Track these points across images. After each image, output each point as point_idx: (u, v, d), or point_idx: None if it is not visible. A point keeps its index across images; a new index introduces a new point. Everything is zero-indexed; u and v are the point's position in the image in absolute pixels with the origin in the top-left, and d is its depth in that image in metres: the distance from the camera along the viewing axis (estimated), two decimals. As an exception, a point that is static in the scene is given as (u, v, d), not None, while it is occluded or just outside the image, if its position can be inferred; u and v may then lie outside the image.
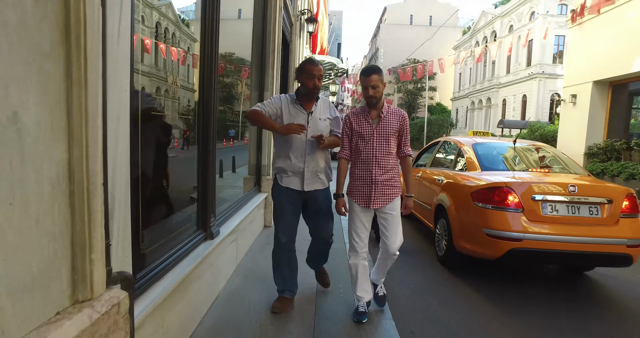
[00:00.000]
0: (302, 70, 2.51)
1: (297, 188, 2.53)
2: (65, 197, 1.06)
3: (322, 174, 2.59)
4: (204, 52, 2.61)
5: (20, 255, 0.91)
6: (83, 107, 1.07)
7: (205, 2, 2.56)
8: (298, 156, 2.50)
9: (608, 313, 3.04)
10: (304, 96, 2.54)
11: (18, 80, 0.88)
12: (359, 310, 2.56)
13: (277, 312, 2.57)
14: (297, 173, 2.52)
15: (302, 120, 2.50)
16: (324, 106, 2.62)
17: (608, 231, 3.16)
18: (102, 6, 1.12)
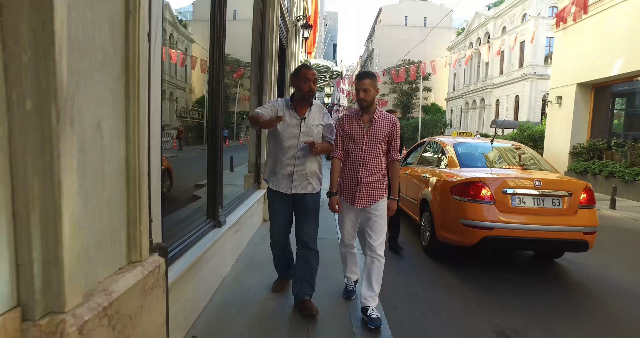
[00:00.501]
0: (298, 74, 2.57)
1: (285, 192, 2.60)
2: (124, 183, 1.44)
3: (312, 178, 2.64)
4: (212, 61, 2.99)
5: (101, 221, 1.29)
6: (136, 118, 1.45)
7: (214, 22, 2.94)
8: (288, 160, 2.56)
9: (571, 292, 3.46)
10: (298, 100, 2.59)
11: (100, 99, 1.26)
12: (348, 289, 2.94)
13: (277, 291, 2.90)
14: (286, 176, 2.58)
15: (295, 125, 2.56)
16: (318, 112, 2.66)
17: (568, 220, 3.58)
18: (149, 42, 1.51)
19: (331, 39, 46.77)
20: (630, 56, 9.28)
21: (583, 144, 11.17)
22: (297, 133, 2.55)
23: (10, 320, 1.00)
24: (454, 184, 3.82)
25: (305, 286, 2.66)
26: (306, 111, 2.61)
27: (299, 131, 2.56)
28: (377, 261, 2.58)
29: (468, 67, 38.58)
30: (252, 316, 2.55)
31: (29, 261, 1.03)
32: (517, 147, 4.86)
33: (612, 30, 9.95)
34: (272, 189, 2.65)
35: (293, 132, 2.55)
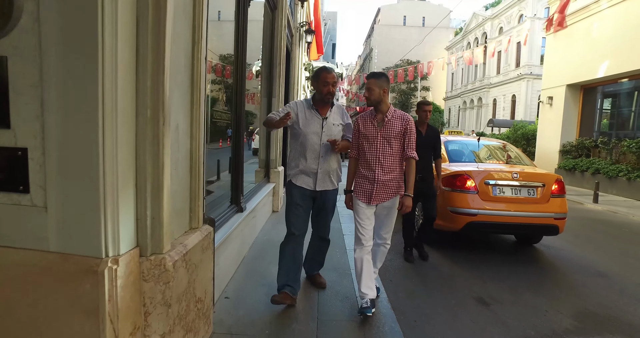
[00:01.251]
0: (318, 77, 2.68)
1: (309, 188, 2.72)
2: (188, 169, 1.95)
3: (333, 175, 2.77)
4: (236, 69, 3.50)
5: (176, 196, 1.80)
6: (196, 119, 1.96)
7: (238, 36, 3.44)
8: (313, 158, 2.68)
9: (542, 269, 3.99)
10: (319, 101, 2.71)
11: (178, 108, 1.77)
12: (364, 306, 2.54)
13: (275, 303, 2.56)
14: (310, 173, 2.70)
15: (317, 125, 2.68)
16: (338, 112, 2.80)
17: (541, 207, 4.11)
18: (205, 63, 2.02)
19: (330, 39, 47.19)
20: (614, 59, 9.82)
21: (572, 143, 11.72)
22: (319, 132, 2.68)
23: (134, 255, 1.51)
24: (443, 176, 4.34)
25: (315, 265, 3.03)
26: (327, 111, 2.73)
27: (321, 131, 2.68)
28: (383, 248, 2.76)
29: (466, 67, 39.06)
30: (273, 283, 3.05)
31: (143, 217, 1.55)
32: (504, 145, 5.39)
33: (598, 35, 10.49)
34: (297, 185, 2.73)
35: (316, 131, 2.67)
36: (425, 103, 4.06)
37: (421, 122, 3.99)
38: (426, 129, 4.01)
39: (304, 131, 2.67)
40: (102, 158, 1.36)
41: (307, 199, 2.76)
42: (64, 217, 1.40)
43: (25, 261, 1.40)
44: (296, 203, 2.74)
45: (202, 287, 2.01)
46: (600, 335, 2.66)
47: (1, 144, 1.42)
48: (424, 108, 4.01)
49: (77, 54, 1.33)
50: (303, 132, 2.68)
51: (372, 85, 2.59)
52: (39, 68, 1.37)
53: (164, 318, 1.60)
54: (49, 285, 1.38)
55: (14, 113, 1.41)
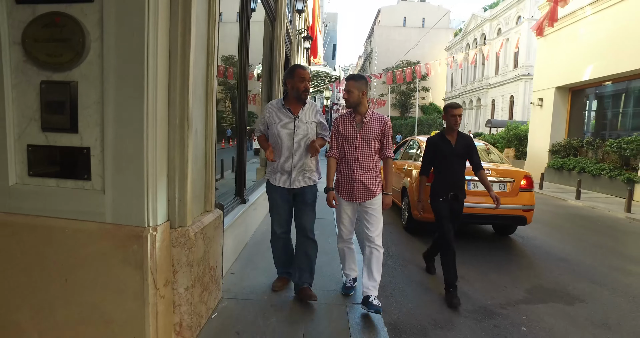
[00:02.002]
0: (293, 74, 2.70)
1: (285, 186, 2.76)
2: (204, 164, 2.48)
3: (310, 172, 2.79)
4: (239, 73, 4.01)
5: (196, 184, 2.33)
6: (210, 125, 2.48)
7: (241, 44, 3.97)
8: (287, 157, 2.71)
9: (511, 255, 4.49)
10: (293, 99, 2.73)
11: (197, 116, 2.30)
12: (347, 285, 2.95)
13: (277, 290, 2.92)
14: (285, 172, 2.74)
15: (289, 124, 2.70)
16: (312, 110, 2.80)
17: (511, 200, 4.62)
18: (216, 77, 2.54)
19: (331, 40, 47.69)
20: (598, 63, 10.31)
21: (561, 143, 12.19)
22: (291, 131, 2.69)
23: (166, 226, 2.04)
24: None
25: (305, 275, 2.84)
26: (299, 109, 2.74)
27: (293, 130, 2.70)
28: (376, 252, 2.70)
29: (465, 68, 39.49)
30: (271, 265, 3.53)
31: (173, 199, 2.07)
32: (487, 146, 5.90)
33: (584, 40, 10.97)
34: (273, 184, 2.79)
35: (288, 131, 2.69)
36: (453, 106, 3.31)
37: (449, 129, 3.35)
38: (456, 137, 3.37)
39: (277, 131, 2.71)
40: (145, 155, 1.88)
41: (286, 197, 2.80)
42: (117, 198, 1.93)
43: (90, 230, 1.93)
44: (276, 203, 2.82)
45: (214, 258, 2.53)
46: (544, 303, 3.18)
47: (71, 144, 1.95)
48: (452, 112, 3.27)
49: (128, 79, 1.86)
50: (276, 132, 2.71)
51: (351, 87, 2.66)
52: (100, 90, 1.90)
53: (187, 275, 2.12)
54: (108, 246, 1.91)
55: (81, 122, 1.94)
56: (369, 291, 2.64)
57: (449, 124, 3.34)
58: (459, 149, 3.36)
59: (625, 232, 6.09)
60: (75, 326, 1.97)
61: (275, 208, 2.85)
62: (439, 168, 3.41)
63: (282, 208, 2.83)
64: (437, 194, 3.33)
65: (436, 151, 3.40)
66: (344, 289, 2.95)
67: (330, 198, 2.75)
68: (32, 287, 1.98)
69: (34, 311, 2.00)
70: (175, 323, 2.13)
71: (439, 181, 3.39)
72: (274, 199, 2.83)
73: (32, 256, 1.98)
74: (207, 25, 2.38)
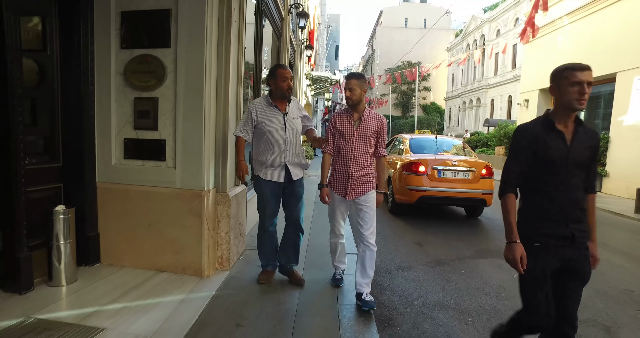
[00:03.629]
0: (275, 74, 2.81)
1: (278, 180, 2.87)
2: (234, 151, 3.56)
3: (301, 166, 2.98)
4: (255, 75, 5.10)
5: (231, 165, 3.41)
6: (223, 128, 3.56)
7: (255, 54, 5.05)
8: (280, 152, 2.83)
9: (474, 228, 5.55)
10: (278, 98, 2.86)
11: (232, 119, 3.38)
12: (336, 277, 3.03)
13: (263, 282, 2.97)
14: (278, 166, 2.85)
15: (279, 121, 2.83)
16: (295, 106, 2.97)
17: (472, 186, 5.68)
18: (242, 95, 3.63)
19: (333, 41, 48.71)
20: (575, 68, 11.29)
21: (544, 141, 13.18)
22: (282, 127, 2.83)
23: (214, 191, 3.14)
24: (404, 163, 5.92)
25: (292, 258, 3.08)
26: (286, 106, 2.89)
27: (284, 126, 2.84)
28: (368, 250, 2.69)
29: (465, 68, 40.34)
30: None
31: (218, 173, 3.17)
32: (463, 144, 6.99)
33: (562, 46, 11.97)
34: (265, 179, 2.87)
35: (279, 127, 2.83)
36: (577, 68, 1.66)
37: (565, 110, 1.72)
38: (574, 129, 1.74)
39: (268, 129, 2.82)
40: (203, 144, 2.97)
41: (276, 192, 2.91)
42: (183, 172, 3.01)
43: (165, 193, 3.02)
44: (266, 198, 2.90)
45: (241, 217, 3.62)
46: (484, 258, 4.24)
47: (153, 138, 3.04)
48: (576, 78, 1.64)
49: (191, 96, 2.94)
50: (267, 129, 2.82)
51: (353, 85, 2.66)
52: (173, 103, 2.99)
53: (226, 224, 3.21)
54: (179, 203, 3.00)
55: (160, 123, 3.03)
56: (362, 289, 2.66)
57: (567, 101, 1.69)
58: (580, 152, 1.72)
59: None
60: (156, 254, 3.07)
61: (265, 202, 2.92)
62: (537, 181, 1.75)
63: (272, 202, 2.91)
64: (533, 232, 1.75)
65: (536, 151, 1.72)
66: (333, 281, 3.03)
67: (324, 194, 2.79)
68: (128, 229, 3.09)
69: (129, 245, 3.10)
70: (218, 257, 3.22)
71: (536, 208, 1.76)
72: (264, 194, 2.90)
73: (128, 210, 3.08)
74: (237, 57, 3.45)
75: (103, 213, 3.14)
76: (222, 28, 3.07)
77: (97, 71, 3.04)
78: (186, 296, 2.70)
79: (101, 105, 3.08)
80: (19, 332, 2.11)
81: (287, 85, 2.82)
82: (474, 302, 3.07)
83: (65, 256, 2.73)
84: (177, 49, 2.94)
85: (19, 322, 2.21)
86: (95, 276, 2.93)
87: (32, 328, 2.16)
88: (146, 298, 2.62)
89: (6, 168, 2.49)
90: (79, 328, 2.18)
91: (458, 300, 3.12)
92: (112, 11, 3.01)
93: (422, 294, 3.22)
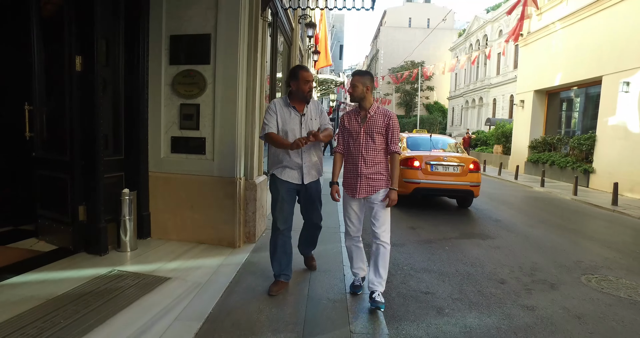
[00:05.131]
0: (297, 76, 2.79)
1: (296, 182, 2.81)
2: (259, 147, 4.32)
3: (317, 167, 2.92)
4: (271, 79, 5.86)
5: (255, 159, 4.18)
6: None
7: (272, 63, 5.81)
8: (297, 153, 2.78)
9: (462, 217, 6.28)
10: (297, 99, 2.83)
11: (257, 121, 4.15)
12: (355, 284, 2.87)
13: (274, 294, 2.75)
14: (295, 167, 2.80)
15: (297, 122, 2.80)
16: (314, 107, 2.93)
17: (461, 178, 6.42)
18: (263, 101, 4.38)
19: (338, 40, 49.34)
20: (565, 71, 11.96)
21: (538, 140, 13.85)
22: (299, 129, 2.80)
23: (244, 179, 3.91)
24: (401, 159, 6.66)
25: (310, 249, 3.26)
26: (304, 107, 2.85)
27: (300, 127, 2.80)
28: (382, 248, 2.64)
29: (468, 68, 40.89)
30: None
31: (247, 165, 3.95)
32: (456, 143, 7.72)
33: (554, 50, 12.63)
34: (283, 179, 2.81)
35: (296, 128, 2.80)
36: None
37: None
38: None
39: (285, 129, 2.79)
40: (235, 141, 3.73)
41: (292, 193, 2.85)
42: (220, 163, 3.78)
43: (205, 180, 3.79)
44: (282, 198, 2.81)
45: (263, 201, 4.38)
46: (467, 239, 4.98)
47: (195, 136, 3.81)
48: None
49: (227, 103, 3.71)
50: (284, 130, 2.79)
51: (355, 82, 2.69)
52: (212, 108, 3.75)
53: (253, 205, 3.97)
54: (216, 188, 3.76)
55: (201, 124, 3.80)
56: (374, 287, 2.64)
57: None
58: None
59: (561, 207, 7.83)
60: (197, 230, 3.84)
61: (280, 203, 2.82)
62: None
63: (287, 203, 2.83)
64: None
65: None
66: (352, 288, 2.88)
67: (334, 192, 2.78)
68: (174, 210, 3.86)
69: (174, 222, 3.88)
70: (246, 232, 3.99)
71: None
72: (280, 194, 2.82)
73: (174, 193, 3.85)
74: (261, 72, 4.19)
75: (153, 197, 3.92)
76: (250, 49, 3.83)
77: (151, 82, 3.82)
78: (224, 260, 3.47)
79: (153, 110, 3.85)
80: (110, 277, 2.90)
81: (308, 87, 2.82)
82: (452, 268, 3.82)
83: (130, 229, 3.51)
84: (216, 66, 3.71)
85: (108, 271, 3.00)
86: (150, 246, 3.72)
87: (118, 276, 2.94)
88: (194, 260, 3.40)
89: (91, 158, 3.29)
90: (151, 277, 2.96)
91: (439, 266, 3.86)
92: (163, 35, 3.78)
93: (410, 262, 3.96)
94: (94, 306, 2.43)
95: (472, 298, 3.11)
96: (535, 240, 5.05)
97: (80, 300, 2.50)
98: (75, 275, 2.91)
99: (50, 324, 2.18)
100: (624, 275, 3.81)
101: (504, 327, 2.64)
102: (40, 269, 3.00)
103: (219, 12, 3.67)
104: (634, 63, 9.06)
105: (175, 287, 2.82)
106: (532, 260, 4.20)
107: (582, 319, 2.81)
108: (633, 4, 9.29)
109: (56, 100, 3.48)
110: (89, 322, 2.23)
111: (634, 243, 5.23)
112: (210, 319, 2.37)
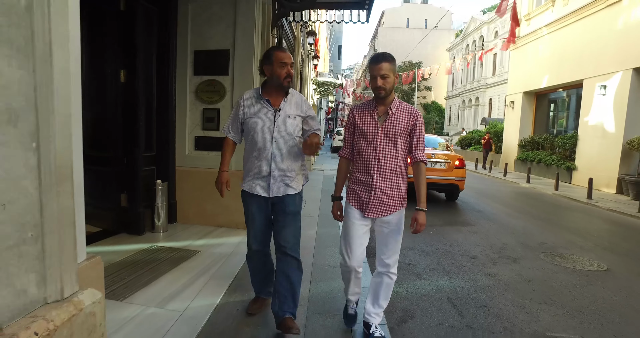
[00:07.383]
0: (270, 58, 2.19)
1: (262, 194, 2.27)
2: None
3: (293, 178, 2.27)
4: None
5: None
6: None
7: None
8: (265, 159, 2.22)
9: (449, 208, 6.98)
10: (272, 89, 2.24)
11: (266, 123, 4.84)
12: (349, 313, 2.43)
13: (254, 312, 2.46)
14: (262, 177, 2.26)
15: (268, 119, 2.21)
16: (295, 101, 2.28)
17: (448, 174, 7.14)
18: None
19: (336, 41, 50.00)
20: (552, 74, 12.69)
21: (527, 139, 14.57)
22: (270, 127, 2.21)
23: (256, 172, 4.61)
24: (394, 157, 7.36)
25: (287, 304, 2.25)
26: (281, 101, 2.25)
27: (272, 126, 2.21)
28: (387, 279, 2.25)
29: (465, 68, 41.64)
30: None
31: (258, 160, 4.63)
32: (446, 142, 8.44)
33: (542, 54, 13.36)
34: (249, 192, 2.31)
35: (266, 127, 2.21)
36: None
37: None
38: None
39: (253, 128, 2.24)
40: (249, 140, 4.42)
41: (263, 207, 2.32)
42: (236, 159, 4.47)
43: (225, 172, 4.48)
44: (252, 215, 2.34)
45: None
46: (449, 226, 5.68)
47: (216, 136, 4.49)
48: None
49: (243, 108, 4.39)
50: (251, 129, 2.25)
51: (386, 70, 2.07)
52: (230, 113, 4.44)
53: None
54: (232, 180, 4.42)
55: (220, 126, 4.48)
56: (372, 320, 2.27)
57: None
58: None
59: (541, 200, 8.55)
60: (216, 215, 4.53)
61: (250, 219, 2.36)
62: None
63: (257, 219, 2.33)
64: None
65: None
66: (345, 318, 2.44)
67: (336, 210, 2.30)
68: (196, 199, 4.55)
69: (197, 209, 4.57)
70: (258, 218, 4.66)
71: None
72: (250, 211, 2.34)
73: (197, 185, 4.54)
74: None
75: (179, 188, 4.61)
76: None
77: (178, 90, 4.50)
78: (242, 239, 4.16)
79: (180, 113, 4.54)
80: (152, 251, 3.60)
81: (286, 72, 2.20)
82: (432, 247, 4.52)
83: (162, 215, 4.20)
84: (234, 76, 4.39)
85: (149, 246, 3.70)
86: (178, 229, 4.41)
87: (158, 249, 3.64)
88: (218, 239, 4.10)
89: (133, 155, 3.98)
90: (185, 251, 3.66)
91: (422, 246, 4.56)
92: (189, 50, 4.47)
93: (398, 243, 4.66)
94: (146, 268, 3.13)
95: (446, 268, 3.81)
96: (510, 227, 5.76)
97: (134, 265, 3.20)
98: (124, 249, 3.61)
99: (119, 278, 2.88)
100: (577, 252, 4.52)
101: (467, 286, 3.35)
102: (92, 245, 3.70)
103: (237, 30, 4.35)
104: (609, 68, 9.78)
105: (206, 257, 3.51)
106: (503, 241, 4.90)
107: (531, 281, 3.52)
108: (608, 14, 10.02)
109: (102, 106, 4.17)
110: (147, 278, 2.93)
111: (596, 229, 5.95)
112: (238, 278, 3.07)
